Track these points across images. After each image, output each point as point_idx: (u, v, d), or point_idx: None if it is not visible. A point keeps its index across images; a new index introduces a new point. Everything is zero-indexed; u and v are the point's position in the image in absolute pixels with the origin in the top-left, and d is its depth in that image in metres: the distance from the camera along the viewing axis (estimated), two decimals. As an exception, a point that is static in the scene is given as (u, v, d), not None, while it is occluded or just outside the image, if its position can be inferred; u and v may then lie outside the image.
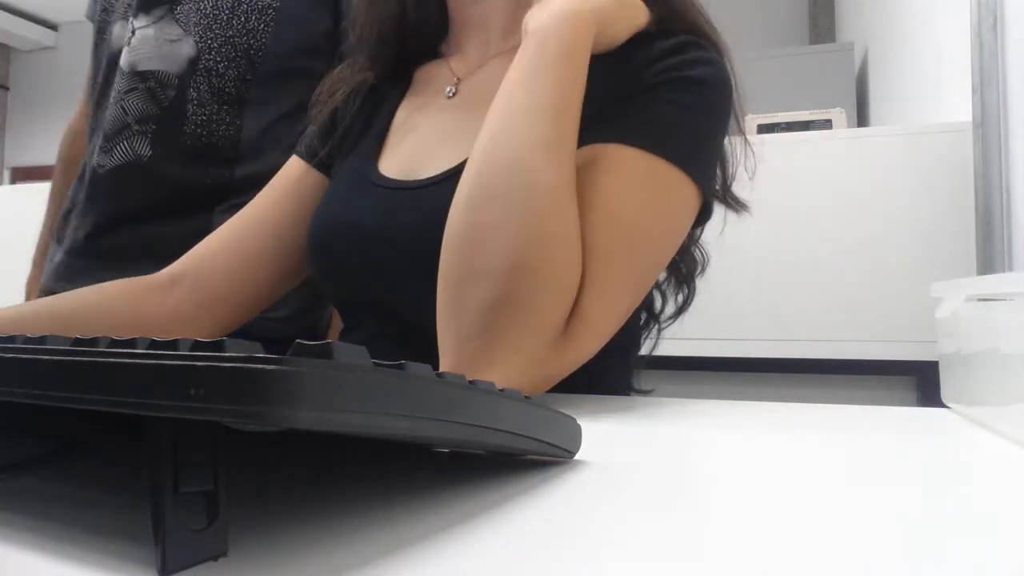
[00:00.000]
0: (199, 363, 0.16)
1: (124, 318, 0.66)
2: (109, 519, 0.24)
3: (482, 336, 0.47)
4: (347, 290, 0.67)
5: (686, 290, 0.69)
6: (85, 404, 0.18)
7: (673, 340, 0.79)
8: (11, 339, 0.23)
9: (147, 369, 0.17)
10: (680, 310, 0.70)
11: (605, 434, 0.39)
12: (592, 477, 0.30)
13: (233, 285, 0.70)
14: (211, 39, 0.91)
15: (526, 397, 0.28)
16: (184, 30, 0.92)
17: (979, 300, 0.45)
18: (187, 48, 0.91)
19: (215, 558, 0.20)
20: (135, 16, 0.95)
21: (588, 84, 0.56)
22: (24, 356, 0.20)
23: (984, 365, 0.43)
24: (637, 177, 0.53)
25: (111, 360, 0.18)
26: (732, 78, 0.59)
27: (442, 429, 0.22)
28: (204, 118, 0.91)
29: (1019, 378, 0.37)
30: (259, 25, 0.91)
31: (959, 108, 1.19)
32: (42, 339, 0.22)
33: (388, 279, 0.61)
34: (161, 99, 0.92)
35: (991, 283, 0.44)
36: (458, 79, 0.69)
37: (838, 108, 1.71)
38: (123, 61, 0.94)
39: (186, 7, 0.92)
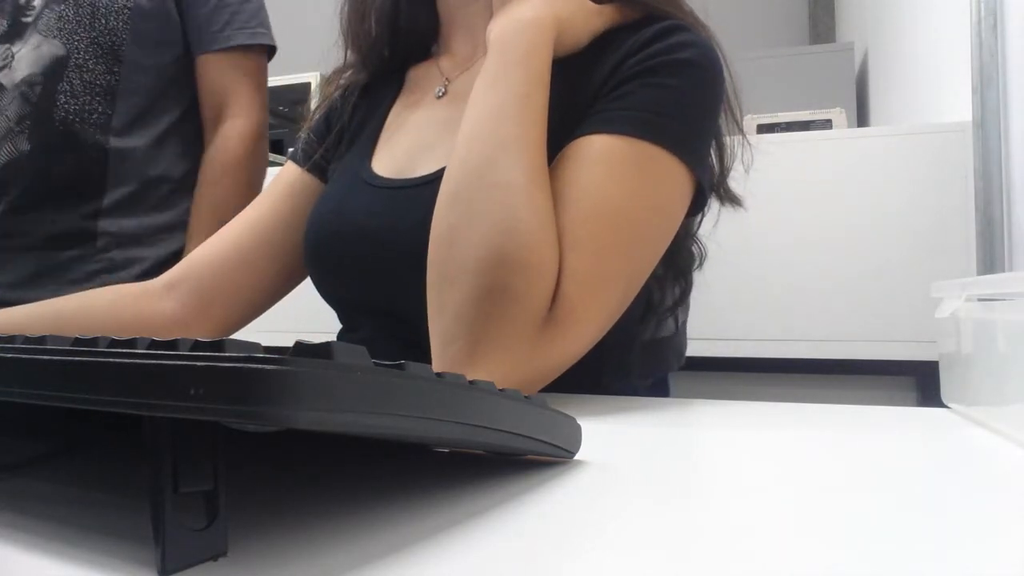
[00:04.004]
0: (199, 363, 0.16)
1: (123, 322, 0.66)
2: (109, 519, 0.24)
3: (463, 337, 0.47)
4: (343, 291, 0.67)
5: (683, 283, 0.68)
6: (85, 404, 0.18)
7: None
8: (11, 339, 0.23)
9: (147, 369, 0.17)
10: (676, 304, 0.69)
11: (605, 434, 0.39)
12: (592, 477, 0.30)
13: (230, 289, 0.70)
14: (78, 41, 1.04)
15: (526, 397, 0.28)
16: (43, 36, 1.05)
17: (979, 300, 0.45)
18: (51, 48, 1.04)
19: (215, 558, 0.20)
20: (11, 43, 1.08)
21: (569, 84, 0.55)
22: (24, 356, 0.20)
23: (984, 365, 0.43)
24: (621, 164, 0.52)
25: (111, 360, 0.18)
26: (722, 60, 0.59)
27: (442, 429, 0.22)
28: (76, 107, 1.04)
29: (1019, 378, 0.37)
30: (118, 24, 1.05)
31: (959, 108, 1.19)
32: (42, 339, 0.22)
33: (383, 279, 0.61)
34: (30, 97, 1.04)
35: (991, 283, 0.44)
36: (447, 79, 0.69)
37: (838, 108, 1.71)
38: (4, 79, 1.07)
39: (46, 19, 1.05)
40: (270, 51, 1.15)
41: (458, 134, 0.52)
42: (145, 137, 1.07)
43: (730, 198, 0.66)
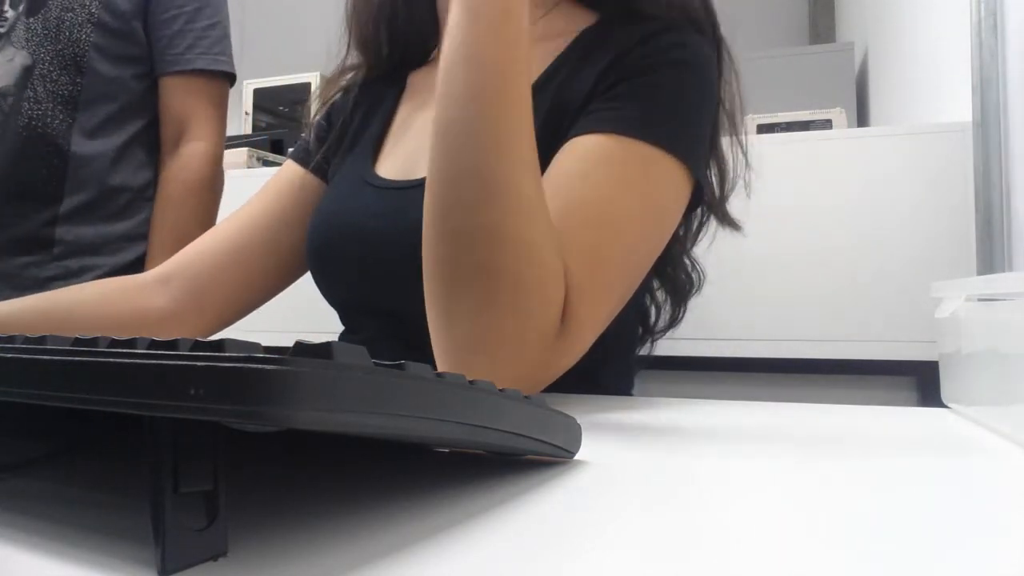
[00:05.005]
0: (199, 363, 0.16)
1: (116, 315, 0.66)
2: (109, 519, 0.24)
3: (462, 340, 0.45)
4: (345, 291, 0.67)
5: (679, 309, 0.69)
6: (85, 404, 0.18)
7: (672, 340, 0.78)
8: (11, 339, 0.23)
9: (147, 369, 0.17)
10: (670, 325, 0.70)
11: (605, 434, 0.39)
12: (592, 477, 0.30)
13: (224, 284, 0.70)
14: (44, 52, 1.07)
15: (526, 397, 0.28)
16: (16, 48, 1.08)
17: (979, 300, 0.45)
18: (21, 59, 1.07)
19: (215, 558, 0.20)
20: None
21: (562, 84, 0.55)
22: (24, 356, 0.20)
23: (984, 365, 0.43)
24: (617, 164, 0.51)
25: (111, 360, 0.18)
26: (723, 59, 0.59)
27: (442, 429, 0.22)
28: (40, 113, 1.06)
29: (1019, 378, 0.37)
30: (81, 37, 1.07)
31: (959, 108, 1.19)
32: (42, 339, 0.22)
33: (384, 280, 0.61)
34: (2, 107, 1.07)
35: (991, 283, 0.44)
36: None
37: (838, 108, 1.71)
38: None
39: (17, 32, 1.08)
40: (231, 80, 1.17)
41: (433, 120, 0.47)
42: (107, 145, 1.08)
43: (728, 222, 0.65)
